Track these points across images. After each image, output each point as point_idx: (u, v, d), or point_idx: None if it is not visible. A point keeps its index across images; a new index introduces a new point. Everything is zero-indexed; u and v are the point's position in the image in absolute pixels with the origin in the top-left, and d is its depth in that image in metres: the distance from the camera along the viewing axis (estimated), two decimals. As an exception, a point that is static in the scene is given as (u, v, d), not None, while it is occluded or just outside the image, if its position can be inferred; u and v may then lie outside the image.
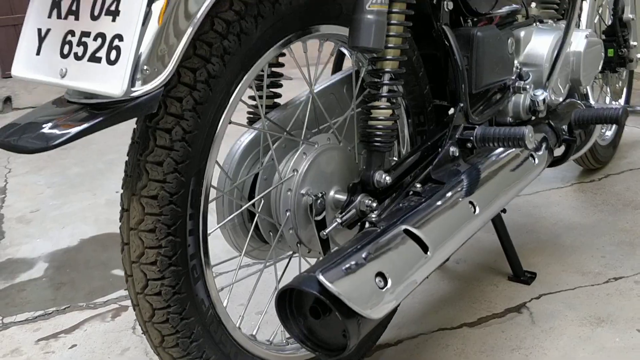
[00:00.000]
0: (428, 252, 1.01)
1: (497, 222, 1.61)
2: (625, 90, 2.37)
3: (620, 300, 1.53)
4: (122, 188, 0.95)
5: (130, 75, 0.78)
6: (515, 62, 1.50)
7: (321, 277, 0.85)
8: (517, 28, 1.50)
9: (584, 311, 1.50)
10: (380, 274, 0.92)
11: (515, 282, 1.65)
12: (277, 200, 1.13)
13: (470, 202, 1.15)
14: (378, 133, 1.12)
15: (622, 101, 2.38)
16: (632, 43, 2.13)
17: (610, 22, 2.10)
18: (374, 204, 1.13)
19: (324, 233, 1.10)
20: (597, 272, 1.67)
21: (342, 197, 1.17)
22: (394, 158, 1.38)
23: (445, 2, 1.26)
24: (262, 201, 1.14)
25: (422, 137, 1.37)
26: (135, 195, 0.92)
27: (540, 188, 2.20)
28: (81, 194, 2.48)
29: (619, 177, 2.25)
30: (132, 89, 0.82)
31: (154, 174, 0.91)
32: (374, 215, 1.07)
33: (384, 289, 0.90)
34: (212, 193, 1.04)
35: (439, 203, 1.12)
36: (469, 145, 1.28)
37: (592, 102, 1.86)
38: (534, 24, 1.54)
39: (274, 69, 1.26)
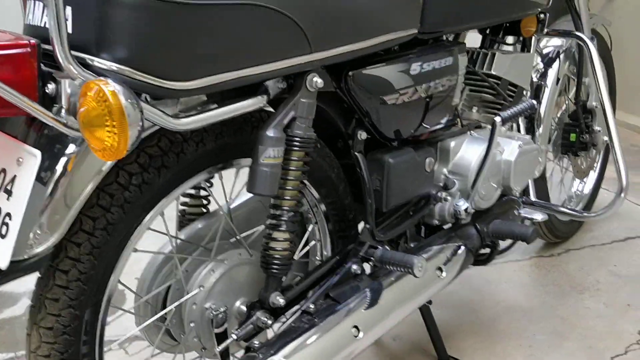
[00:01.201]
0: (296, 386, 1.14)
1: (424, 310, 1.73)
2: (598, 169, 2.44)
3: (529, 399, 1.64)
4: (28, 314, 1.11)
5: (12, 251, 0.93)
6: (445, 170, 1.60)
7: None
8: (448, 138, 1.60)
9: (492, 407, 1.61)
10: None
11: (439, 367, 1.77)
12: (183, 312, 1.27)
13: (355, 327, 1.28)
14: (275, 261, 1.25)
15: (593, 177, 2.45)
16: (596, 128, 2.19)
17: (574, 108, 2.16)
18: (270, 322, 1.27)
19: (217, 350, 1.24)
20: (518, 363, 1.77)
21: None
22: (317, 258, 1.51)
23: (359, 132, 1.38)
24: (174, 309, 1.29)
25: (343, 242, 1.49)
26: (35, 324, 1.08)
27: (498, 260, 2.27)
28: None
29: (578, 254, 2.32)
30: (26, 250, 0.97)
31: (51, 309, 1.06)
32: (256, 343, 1.21)
33: None
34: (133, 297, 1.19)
35: (322, 327, 1.24)
36: (371, 264, 1.40)
37: (532, 198, 1.94)
38: (468, 133, 1.64)
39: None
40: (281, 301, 1.27)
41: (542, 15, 1.84)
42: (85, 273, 1.07)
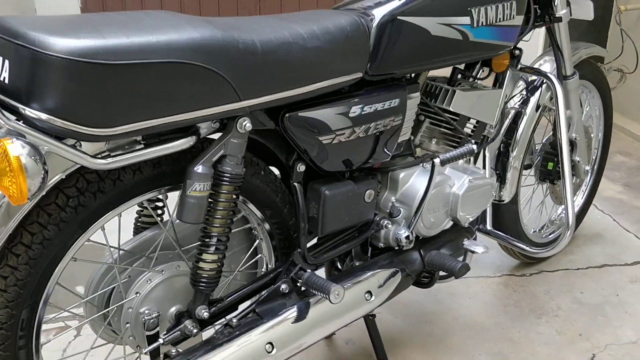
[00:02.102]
0: (202, 395, 1.30)
1: (369, 321, 1.85)
2: (584, 196, 2.49)
3: (453, 417, 1.76)
4: (-25, 309, 1.29)
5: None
6: (393, 198, 1.71)
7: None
8: (399, 169, 1.70)
9: (416, 420, 1.74)
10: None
11: (378, 375, 1.90)
12: (120, 314, 1.44)
13: (270, 343, 1.42)
14: (202, 280, 1.40)
15: (577, 204, 2.49)
16: (576, 159, 2.24)
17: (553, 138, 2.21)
18: (195, 330, 1.43)
19: (145, 350, 1.41)
20: (455, 381, 1.88)
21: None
22: (262, 270, 1.65)
23: (297, 165, 1.49)
24: (115, 308, 1.46)
25: (287, 257, 1.62)
26: (-21, 319, 1.26)
27: (470, 274, 2.36)
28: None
29: (549, 277, 2.38)
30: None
31: (-10, 307, 1.24)
32: (173, 351, 1.37)
33: None
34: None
35: (239, 341, 1.39)
36: (299, 285, 1.53)
37: (488, 227, 2.02)
38: (421, 165, 1.72)
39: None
40: (205, 314, 1.42)
41: (516, 52, 1.89)
42: (22, 280, 1.24)
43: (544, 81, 2.10)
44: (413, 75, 1.71)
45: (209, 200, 1.36)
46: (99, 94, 1.09)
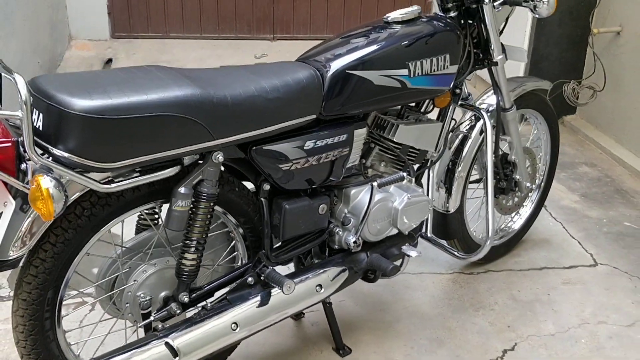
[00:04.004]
0: (177, 358, 1.73)
1: (327, 308, 2.27)
2: (530, 209, 2.88)
3: (388, 388, 2.17)
4: (13, 290, 1.73)
5: (-1, 254, 1.54)
6: (346, 210, 2.11)
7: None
8: (352, 186, 2.10)
9: (359, 389, 2.16)
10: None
11: (335, 352, 2.31)
12: (122, 296, 1.88)
13: (235, 323, 1.84)
14: (184, 273, 1.82)
15: (524, 214, 2.88)
16: (516, 177, 2.62)
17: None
18: (178, 311, 1.86)
19: (139, 324, 1.84)
20: (396, 360, 2.30)
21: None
22: (238, 264, 2.08)
23: (263, 185, 1.91)
24: (118, 291, 1.89)
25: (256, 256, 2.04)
26: (16, 296, 1.70)
27: (425, 270, 2.78)
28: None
29: (494, 276, 2.78)
30: (9, 254, 1.58)
31: (25, 288, 1.67)
32: (160, 325, 1.80)
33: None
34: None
35: (210, 321, 1.82)
36: (262, 278, 1.95)
37: (428, 234, 2.43)
38: (369, 184, 2.13)
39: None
40: (186, 299, 1.85)
41: (457, 90, 2.28)
42: (49, 269, 1.67)
43: (488, 110, 2.49)
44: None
45: (190, 212, 1.78)
46: (105, 139, 1.51)
